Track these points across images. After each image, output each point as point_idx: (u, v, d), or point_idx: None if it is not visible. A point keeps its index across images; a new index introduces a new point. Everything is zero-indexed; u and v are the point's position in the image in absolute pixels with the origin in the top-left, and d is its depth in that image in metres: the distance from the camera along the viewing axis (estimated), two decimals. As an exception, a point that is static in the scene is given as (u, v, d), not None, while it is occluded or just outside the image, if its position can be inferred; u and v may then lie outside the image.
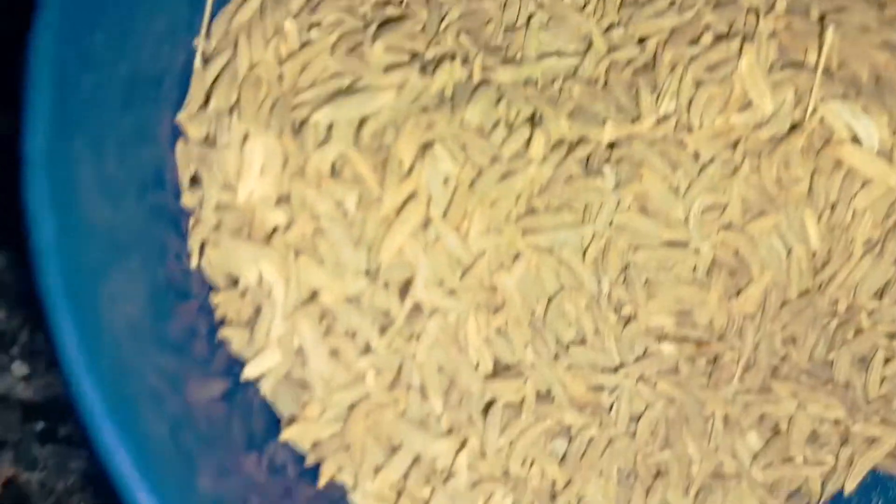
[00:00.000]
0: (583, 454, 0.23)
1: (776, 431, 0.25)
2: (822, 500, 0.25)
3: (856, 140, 0.22)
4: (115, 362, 0.18)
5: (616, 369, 0.23)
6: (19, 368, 0.29)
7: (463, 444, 0.23)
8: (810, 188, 0.22)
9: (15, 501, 0.29)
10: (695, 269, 0.23)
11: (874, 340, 0.24)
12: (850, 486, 0.25)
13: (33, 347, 0.29)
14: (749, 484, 0.25)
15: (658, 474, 0.24)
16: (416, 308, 0.22)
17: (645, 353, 0.23)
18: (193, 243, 0.21)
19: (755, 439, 0.25)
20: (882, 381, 0.24)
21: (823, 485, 0.25)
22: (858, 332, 0.24)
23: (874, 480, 0.25)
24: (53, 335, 0.17)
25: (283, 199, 0.21)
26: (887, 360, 0.24)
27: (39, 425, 0.29)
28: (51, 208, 0.17)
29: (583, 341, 0.23)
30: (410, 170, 0.21)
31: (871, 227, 0.22)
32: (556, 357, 0.23)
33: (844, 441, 0.25)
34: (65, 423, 0.29)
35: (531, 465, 0.23)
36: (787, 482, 0.25)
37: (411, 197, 0.21)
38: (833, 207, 0.22)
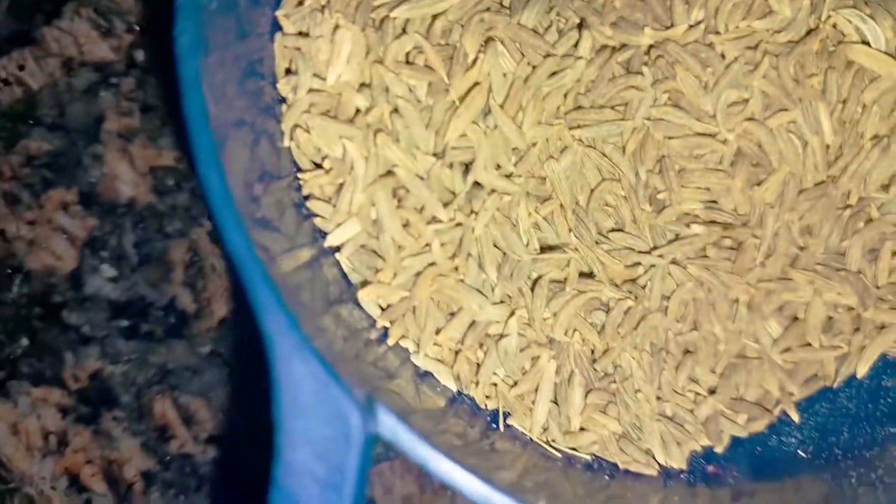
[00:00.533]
0: (619, 325, 0.26)
1: (794, 319, 0.28)
2: (837, 382, 0.28)
3: (864, 42, 0.25)
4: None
5: (650, 251, 0.27)
6: (108, 271, 0.33)
7: (513, 312, 0.26)
8: (824, 85, 0.26)
9: (100, 392, 0.32)
10: (721, 159, 0.26)
11: (882, 230, 0.27)
12: (861, 370, 0.28)
13: (121, 252, 0.33)
14: (770, 366, 0.28)
15: (687, 352, 0.27)
16: (476, 187, 0.26)
17: (677, 237, 0.27)
18: (286, 125, 0.25)
19: (775, 326, 0.28)
20: (891, 270, 0.28)
21: (838, 369, 0.28)
22: (869, 221, 0.27)
23: (885, 364, 0.28)
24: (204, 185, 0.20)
25: (365, 85, 0.25)
26: (895, 252, 0.27)
27: (124, 323, 0.32)
28: (195, 89, 0.20)
29: (621, 228, 0.27)
30: (474, 62, 0.25)
31: (879, 120, 0.26)
32: (597, 242, 0.27)
33: (857, 328, 0.28)
34: (146, 320, 0.32)
35: (573, 333, 0.26)
36: (805, 366, 0.28)
37: (474, 86, 0.25)
38: (844, 103, 0.26)
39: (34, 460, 0.32)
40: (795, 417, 0.28)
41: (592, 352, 0.27)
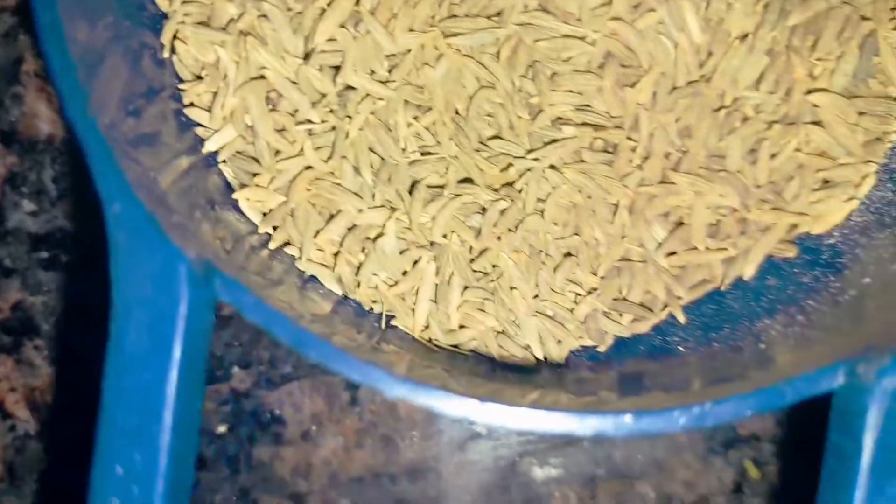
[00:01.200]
0: (494, 225, 0.28)
1: (679, 223, 0.29)
2: (725, 285, 0.29)
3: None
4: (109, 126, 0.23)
5: (526, 156, 0.28)
6: (28, 205, 0.35)
7: (391, 215, 0.27)
8: (687, -17, 0.27)
9: (22, 322, 0.34)
10: (590, 61, 0.28)
11: (757, 129, 0.28)
12: (748, 272, 0.29)
13: (40, 188, 0.35)
14: (655, 270, 0.29)
15: (567, 255, 0.29)
16: (349, 90, 0.27)
17: (552, 141, 0.28)
18: (166, 37, 0.27)
19: (659, 230, 0.29)
20: (771, 170, 0.29)
21: (725, 272, 0.29)
22: (745, 120, 0.28)
23: (770, 266, 0.29)
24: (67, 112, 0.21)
25: (235, -7, 0.27)
26: (773, 155, 0.29)
27: (44, 254, 0.34)
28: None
29: (498, 135, 0.28)
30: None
31: (744, 17, 0.27)
32: (477, 150, 0.28)
33: (742, 232, 0.29)
34: (66, 252, 0.34)
35: (452, 235, 0.28)
36: (693, 270, 0.29)
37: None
38: (708, 1, 0.27)
39: None
40: (682, 319, 0.29)
41: (470, 250, 0.28)
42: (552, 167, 0.28)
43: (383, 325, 0.28)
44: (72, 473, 0.34)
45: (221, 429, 0.33)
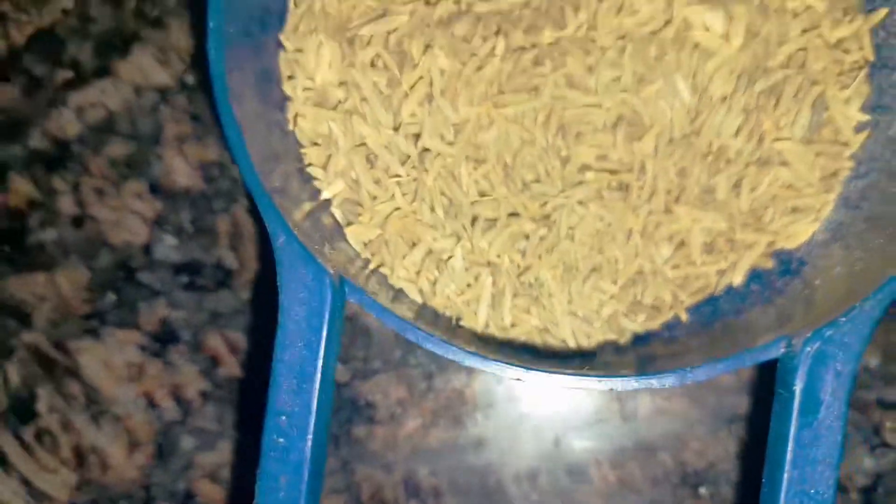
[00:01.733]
0: (536, 248, 0.37)
1: (681, 243, 0.39)
2: (717, 290, 0.39)
3: (707, 29, 0.36)
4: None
5: (559, 195, 0.38)
6: (171, 241, 0.45)
7: (459, 241, 0.38)
8: (678, 62, 0.37)
9: (167, 333, 0.45)
10: (605, 122, 0.38)
11: (738, 168, 0.38)
12: (737, 280, 0.39)
13: (180, 226, 0.45)
14: (663, 280, 0.39)
15: (593, 270, 0.38)
16: (426, 152, 0.37)
17: (579, 183, 0.38)
18: (290, 115, 0.38)
19: (665, 249, 0.39)
20: (752, 200, 0.38)
21: (718, 280, 0.39)
22: (728, 162, 0.38)
23: (753, 274, 0.39)
24: (238, 164, 0.32)
25: (342, 83, 0.37)
26: (752, 189, 0.38)
27: (184, 279, 0.45)
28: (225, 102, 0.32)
29: (538, 180, 0.38)
30: (418, 63, 0.37)
31: (723, 85, 0.37)
32: (521, 190, 0.38)
33: (731, 249, 0.39)
34: (201, 276, 0.45)
35: (504, 256, 0.38)
36: (693, 279, 0.39)
37: (420, 79, 0.37)
38: (695, 74, 0.37)
39: (120, 387, 0.45)
40: (684, 318, 0.39)
41: (518, 268, 0.38)
42: (580, 203, 0.38)
43: (454, 324, 0.38)
44: (208, 453, 0.44)
45: (326, 413, 0.43)
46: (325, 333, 0.29)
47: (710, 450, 0.42)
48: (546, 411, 0.43)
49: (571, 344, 0.37)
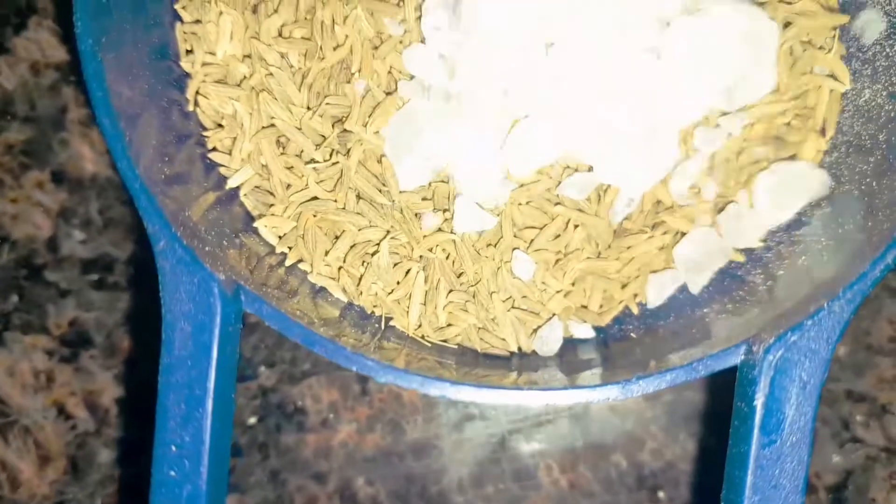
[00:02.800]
0: (475, 243, 0.33)
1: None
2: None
3: None
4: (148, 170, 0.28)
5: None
6: (78, 235, 0.40)
7: (387, 234, 0.33)
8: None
9: (78, 335, 0.40)
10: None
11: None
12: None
13: (88, 219, 0.40)
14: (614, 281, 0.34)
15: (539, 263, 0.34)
16: (345, 132, 0.32)
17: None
18: (190, 93, 0.33)
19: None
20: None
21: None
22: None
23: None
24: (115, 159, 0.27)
25: (246, 56, 0.32)
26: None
27: (94, 276, 0.40)
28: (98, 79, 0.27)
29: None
30: (335, 32, 0.32)
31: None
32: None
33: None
34: (112, 273, 0.40)
35: (437, 248, 0.33)
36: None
37: (336, 50, 0.32)
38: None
39: (28, 396, 0.40)
40: (635, 310, 0.34)
41: (453, 263, 0.33)
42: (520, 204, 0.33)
43: (383, 326, 0.33)
44: (127, 466, 0.40)
45: (252, 420, 0.39)
46: (215, 351, 0.25)
47: (667, 450, 0.38)
48: (490, 412, 0.38)
49: (511, 343, 0.33)
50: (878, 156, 0.30)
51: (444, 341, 0.33)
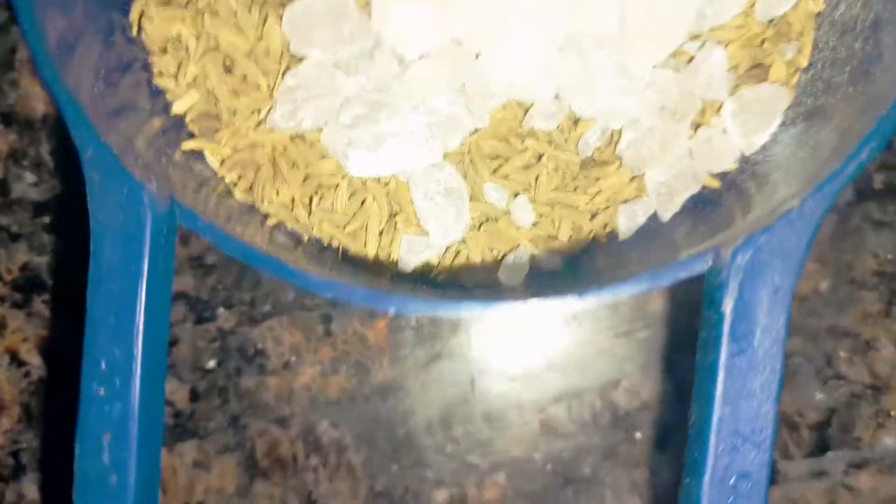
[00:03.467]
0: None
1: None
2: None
3: None
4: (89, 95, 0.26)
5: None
6: (29, 177, 0.38)
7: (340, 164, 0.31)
8: None
9: (29, 280, 0.38)
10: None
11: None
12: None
13: (39, 161, 0.38)
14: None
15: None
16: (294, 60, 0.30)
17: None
18: (133, 16, 0.31)
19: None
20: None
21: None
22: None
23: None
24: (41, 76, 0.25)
25: (192, -28, 0.30)
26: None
27: (46, 220, 0.38)
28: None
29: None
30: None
31: None
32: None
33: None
34: (66, 216, 0.38)
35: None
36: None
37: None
38: None
39: None
40: (604, 241, 0.32)
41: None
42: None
43: (339, 257, 0.31)
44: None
45: (211, 364, 0.37)
46: (146, 263, 0.23)
47: (642, 389, 0.36)
48: (459, 351, 0.37)
49: (476, 259, 0.31)
50: (854, 64, 0.28)
51: (401, 273, 0.31)
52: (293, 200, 0.31)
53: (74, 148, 0.38)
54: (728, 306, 0.22)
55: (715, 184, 0.31)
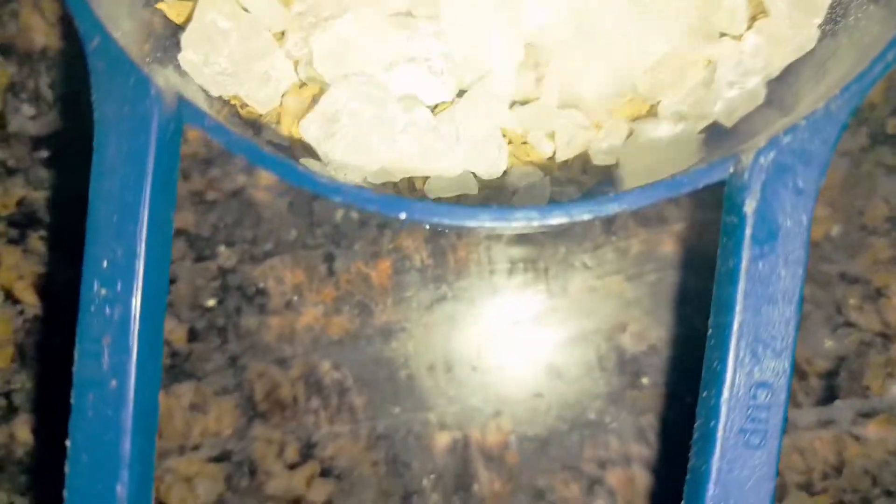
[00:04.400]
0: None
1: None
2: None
3: None
4: None
5: None
6: (27, 110, 0.38)
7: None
8: None
9: (26, 216, 0.37)
10: None
11: None
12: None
13: (37, 94, 0.38)
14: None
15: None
16: None
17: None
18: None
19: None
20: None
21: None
22: None
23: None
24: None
25: None
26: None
27: (44, 154, 0.37)
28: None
29: None
30: None
31: None
32: None
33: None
34: (64, 150, 0.37)
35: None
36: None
37: None
38: None
39: None
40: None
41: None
42: None
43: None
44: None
45: (210, 303, 0.36)
46: (152, 159, 0.22)
47: (649, 333, 0.36)
48: (463, 293, 0.36)
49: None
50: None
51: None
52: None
53: (75, 81, 0.37)
54: (750, 207, 0.22)
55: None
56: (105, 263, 0.22)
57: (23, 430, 0.37)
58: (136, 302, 0.22)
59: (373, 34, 0.28)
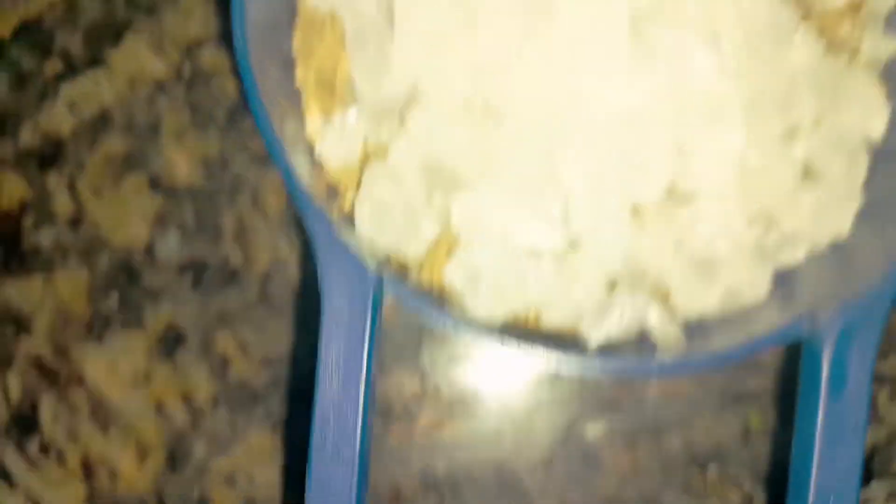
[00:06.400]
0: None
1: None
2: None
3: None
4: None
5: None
6: (173, 239, 0.45)
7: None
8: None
9: (174, 335, 0.45)
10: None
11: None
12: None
13: (182, 223, 0.45)
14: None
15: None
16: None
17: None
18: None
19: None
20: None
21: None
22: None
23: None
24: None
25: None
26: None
27: (189, 278, 0.45)
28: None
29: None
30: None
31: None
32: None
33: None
34: (207, 274, 0.45)
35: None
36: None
37: None
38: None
39: (127, 393, 0.44)
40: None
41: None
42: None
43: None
44: (223, 458, 0.45)
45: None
46: (368, 326, 0.31)
47: (717, 429, 0.45)
48: (559, 398, 0.45)
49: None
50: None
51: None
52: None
53: (215, 214, 0.45)
54: (825, 368, 0.31)
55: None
56: (331, 418, 0.30)
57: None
58: (356, 445, 0.31)
59: (507, 199, 0.37)
